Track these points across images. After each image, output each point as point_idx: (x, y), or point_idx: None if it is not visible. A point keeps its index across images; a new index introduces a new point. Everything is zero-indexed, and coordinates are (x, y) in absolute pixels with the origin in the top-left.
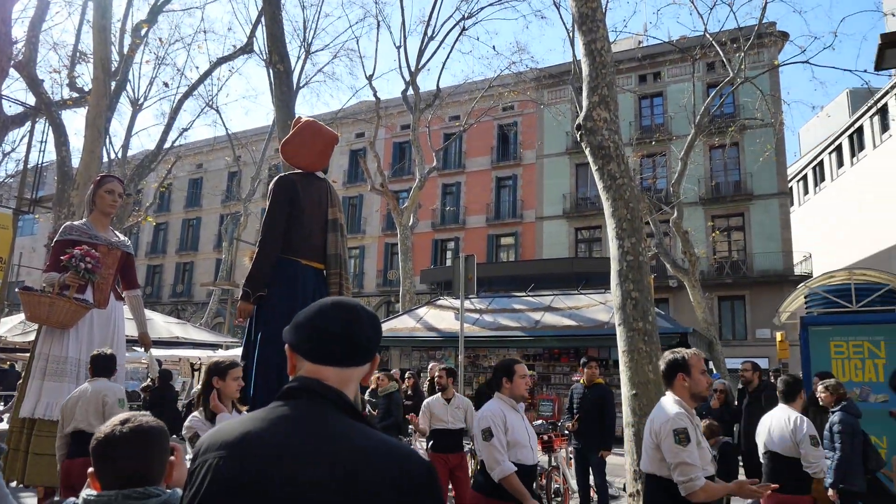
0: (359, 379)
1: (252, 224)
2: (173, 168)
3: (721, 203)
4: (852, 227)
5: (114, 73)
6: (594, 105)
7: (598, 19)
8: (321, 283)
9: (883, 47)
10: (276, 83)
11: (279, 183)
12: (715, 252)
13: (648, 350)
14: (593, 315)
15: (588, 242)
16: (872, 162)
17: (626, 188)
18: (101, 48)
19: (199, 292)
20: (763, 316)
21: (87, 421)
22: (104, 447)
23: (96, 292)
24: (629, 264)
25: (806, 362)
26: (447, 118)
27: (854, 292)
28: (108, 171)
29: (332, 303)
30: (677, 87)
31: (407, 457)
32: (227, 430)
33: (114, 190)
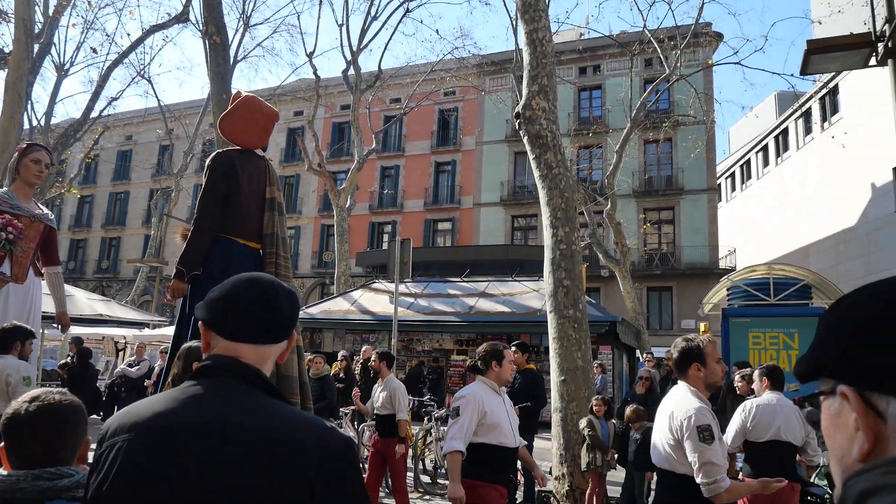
0: (275, 356)
1: (184, 200)
2: (101, 139)
3: (653, 196)
4: (775, 224)
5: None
6: (534, 94)
7: (540, 9)
8: (258, 263)
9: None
10: (212, 55)
11: (216, 159)
12: (646, 244)
13: (578, 337)
14: (526, 302)
15: (524, 230)
16: (796, 162)
17: (562, 178)
18: (22, 8)
19: (126, 269)
20: (689, 307)
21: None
22: (11, 426)
23: (14, 266)
24: (562, 253)
25: (726, 352)
26: (388, 100)
27: (772, 286)
28: (30, 138)
29: (248, 279)
30: (616, 80)
31: (326, 431)
32: (136, 411)
33: (40, 160)
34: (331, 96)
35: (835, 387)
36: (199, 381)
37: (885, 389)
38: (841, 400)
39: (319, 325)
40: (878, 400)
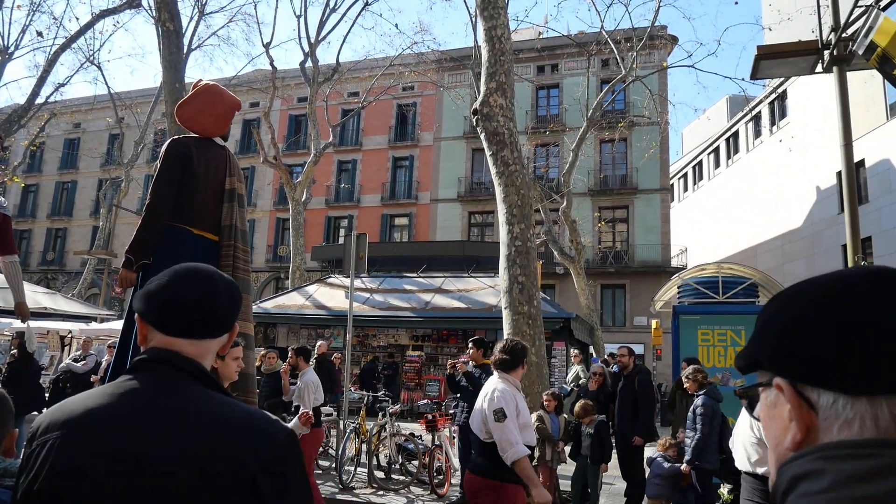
0: (216, 350)
1: (134, 191)
2: (47, 126)
3: (608, 195)
4: (725, 224)
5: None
6: (491, 91)
7: (499, 6)
8: (213, 254)
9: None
10: (164, 43)
11: (172, 145)
12: (600, 242)
13: (532, 333)
14: (482, 298)
15: (481, 227)
16: (746, 164)
17: (519, 175)
18: None
19: (73, 261)
20: (641, 304)
21: None
22: None
23: None
24: (517, 249)
25: (676, 348)
26: (346, 94)
27: (721, 284)
28: None
29: (186, 270)
30: (573, 80)
31: (268, 423)
32: (68, 408)
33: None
34: (288, 88)
35: (771, 379)
36: (136, 375)
37: (816, 382)
38: (776, 392)
39: (274, 319)
40: (811, 392)
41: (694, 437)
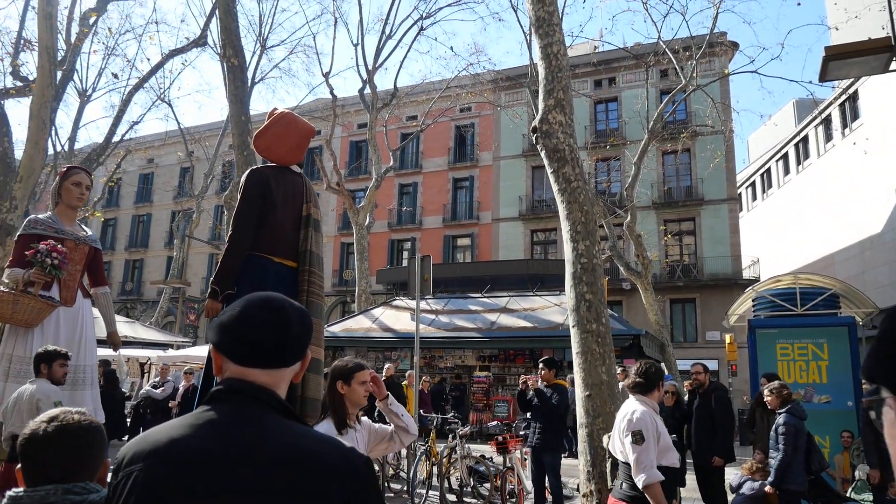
0: (289, 378)
1: (205, 221)
2: (123, 162)
3: (673, 207)
4: (798, 233)
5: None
6: (550, 108)
7: (554, 23)
8: (293, 281)
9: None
10: (230, 78)
11: (251, 176)
12: (667, 255)
13: (602, 352)
14: (548, 317)
15: (543, 245)
16: (817, 169)
17: (581, 191)
18: (46, 36)
19: (150, 290)
20: (713, 318)
21: (23, 426)
22: (29, 446)
23: (63, 289)
24: (583, 267)
25: (753, 364)
26: (404, 118)
27: (799, 296)
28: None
29: (258, 301)
30: (631, 92)
31: (347, 451)
32: (151, 438)
33: (81, 182)
34: (348, 115)
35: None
36: (214, 406)
37: None
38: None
39: (341, 343)
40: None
41: (777, 457)
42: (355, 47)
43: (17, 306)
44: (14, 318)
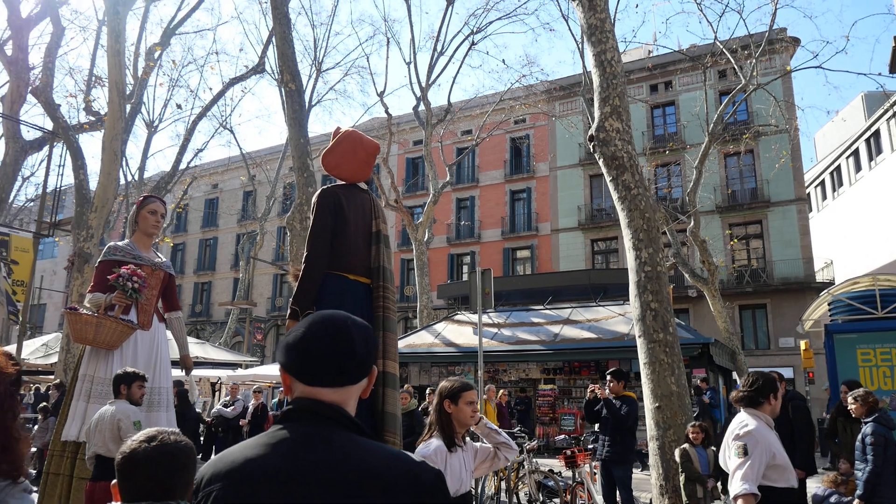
0: (357, 394)
1: (268, 243)
2: (189, 188)
3: (738, 211)
4: (873, 232)
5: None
6: (606, 116)
7: (606, 30)
8: (368, 297)
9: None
10: (288, 102)
11: (323, 195)
12: (734, 260)
13: (670, 362)
14: (613, 327)
15: (605, 254)
16: (891, 165)
17: (642, 198)
18: (115, 72)
19: (218, 312)
20: (786, 324)
21: (105, 446)
22: (128, 464)
23: (140, 313)
24: (647, 275)
25: (832, 371)
26: (459, 132)
27: (879, 298)
28: (126, 193)
29: (321, 321)
30: (689, 95)
31: (416, 465)
32: (229, 458)
33: (157, 210)
34: (403, 132)
35: None
36: (286, 425)
37: None
38: None
39: (405, 359)
40: None
41: (866, 469)
42: (408, 66)
43: (99, 329)
44: (96, 341)
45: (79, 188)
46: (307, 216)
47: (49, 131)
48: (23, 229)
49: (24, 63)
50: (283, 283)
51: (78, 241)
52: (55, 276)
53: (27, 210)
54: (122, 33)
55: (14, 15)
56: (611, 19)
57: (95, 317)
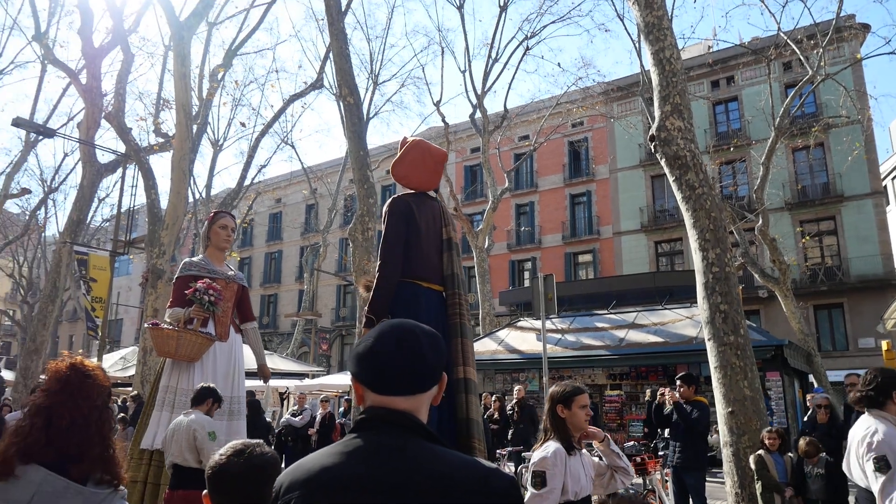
0: (429, 402)
1: (331, 255)
2: (254, 204)
3: (809, 207)
4: None
5: (195, 116)
6: (667, 115)
7: (664, 27)
8: (442, 305)
9: None
10: (346, 115)
11: (394, 204)
12: (806, 259)
13: (742, 365)
14: (680, 330)
15: (669, 255)
16: None
17: (707, 197)
18: (182, 94)
19: (284, 323)
20: (865, 324)
21: (181, 455)
22: (218, 477)
23: (218, 325)
24: (715, 276)
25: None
26: (516, 138)
27: None
28: (194, 210)
29: (390, 330)
30: (753, 89)
31: (489, 473)
32: (305, 466)
33: (227, 225)
34: (460, 141)
35: None
36: (360, 434)
37: None
38: None
39: None
40: None
41: None
42: (463, 74)
43: (180, 342)
44: (178, 354)
45: (150, 207)
46: (368, 227)
47: (122, 154)
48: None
49: (98, 90)
50: (347, 293)
51: (151, 257)
52: (130, 292)
53: (103, 230)
54: (187, 57)
55: (87, 45)
56: (668, 16)
57: (176, 331)
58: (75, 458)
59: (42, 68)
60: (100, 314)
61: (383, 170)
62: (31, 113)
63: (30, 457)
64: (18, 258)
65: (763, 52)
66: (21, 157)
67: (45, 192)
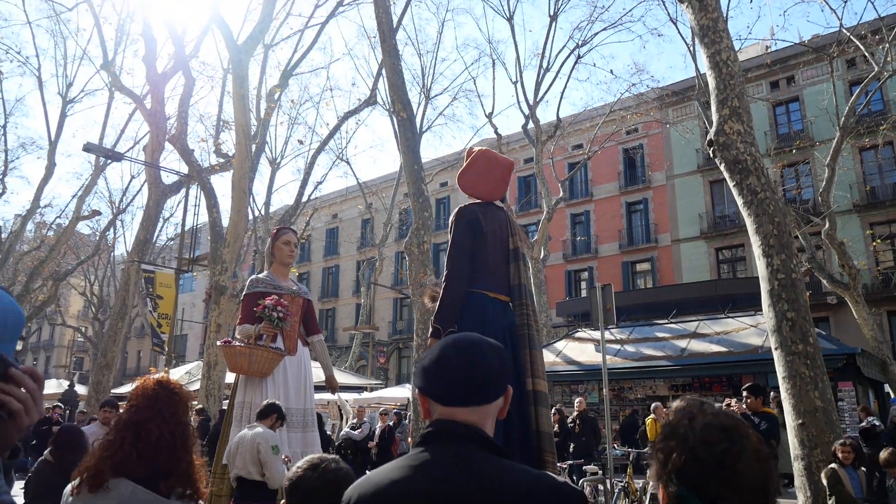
0: (494, 414)
1: (387, 268)
2: (311, 220)
3: (880, 208)
4: None
5: (253, 136)
6: (725, 118)
7: (720, 30)
8: (509, 315)
9: None
10: (400, 130)
11: (461, 215)
12: (878, 263)
13: (812, 375)
14: (744, 339)
15: (731, 262)
16: None
17: (770, 202)
18: (240, 115)
19: (342, 337)
20: None
21: (245, 468)
22: (294, 491)
23: (286, 340)
24: (781, 283)
25: None
26: (570, 147)
27: None
28: (254, 228)
29: (454, 342)
30: (814, 89)
31: (556, 487)
32: (374, 480)
33: (290, 241)
34: (513, 152)
35: None
36: (426, 447)
37: None
38: None
39: None
40: None
41: None
42: (514, 85)
43: (252, 358)
44: (251, 370)
45: (212, 225)
46: (424, 240)
47: (185, 175)
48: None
49: (162, 114)
50: (404, 306)
51: (214, 274)
52: (194, 308)
53: (168, 248)
54: (245, 79)
55: (151, 72)
56: (723, 17)
57: (248, 347)
58: (164, 473)
59: (110, 95)
60: (166, 330)
61: (437, 183)
62: (100, 138)
63: (121, 471)
64: (90, 277)
65: (825, 49)
66: (91, 180)
67: (113, 213)
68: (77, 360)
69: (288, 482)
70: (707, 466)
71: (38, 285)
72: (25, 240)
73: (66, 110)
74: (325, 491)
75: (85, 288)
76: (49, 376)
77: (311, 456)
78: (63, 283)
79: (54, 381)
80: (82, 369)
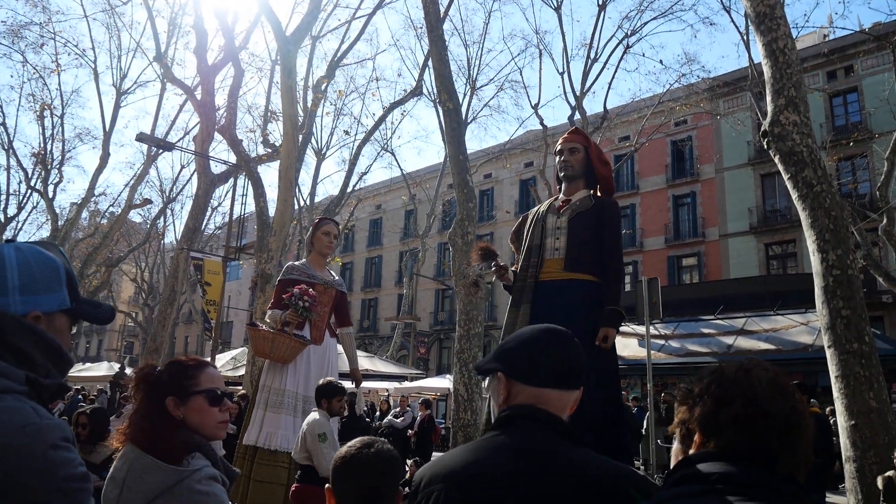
0: (571, 403)
1: (429, 259)
2: (355, 210)
3: None
4: None
5: (300, 127)
6: (781, 108)
7: (777, 16)
8: None
9: None
10: (445, 121)
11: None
12: None
13: (867, 375)
14: (794, 337)
15: (781, 258)
16: None
17: (826, 195)
18: (288, 106)
19: (384, 326)
20: None
21: (299, 452)
22: (346, 467)
23: (313, 329)
24: (836, 279)
25: None
26: (616, 139)
27: None
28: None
29: (545, 328)
30: (874, 79)
31: (629, 474)
32: (447, 461)
33: (330, 231)
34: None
35: None
36: (503, 430)
37: None
38: None
39: None
40: None
41: None
42: (561, 76)
43: (274, 344)
44: (272, 355)
45: (259, 215)
46: (468, 231)
47: (233, 164)
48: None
49: (212, 105)
50: (446, 297)
51: (260, 262)
52: (240, 296)
53: (216, 237)
54: (293, 70)
55: (202, 63)
56: (781, 4)
57: (272, 333)
58: None
59: (161, 86)
60: (213, 316)
61: (482, 174)
62: (151, 128)
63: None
64: (140, 264)
65: (887, 38)
66: (143, 169)
67: (164, 202)
68: (128, 343)
69: (339, 460)
70: (775, 421)
71: (91, 271)
72: (81, 227)
73: (120, 101)
74: (379, 466)
75: (136, 274)
76: (101, 359)
77: (362, 437)
78: (115, 269)
79: (105, 364)
80: (132, 353)
